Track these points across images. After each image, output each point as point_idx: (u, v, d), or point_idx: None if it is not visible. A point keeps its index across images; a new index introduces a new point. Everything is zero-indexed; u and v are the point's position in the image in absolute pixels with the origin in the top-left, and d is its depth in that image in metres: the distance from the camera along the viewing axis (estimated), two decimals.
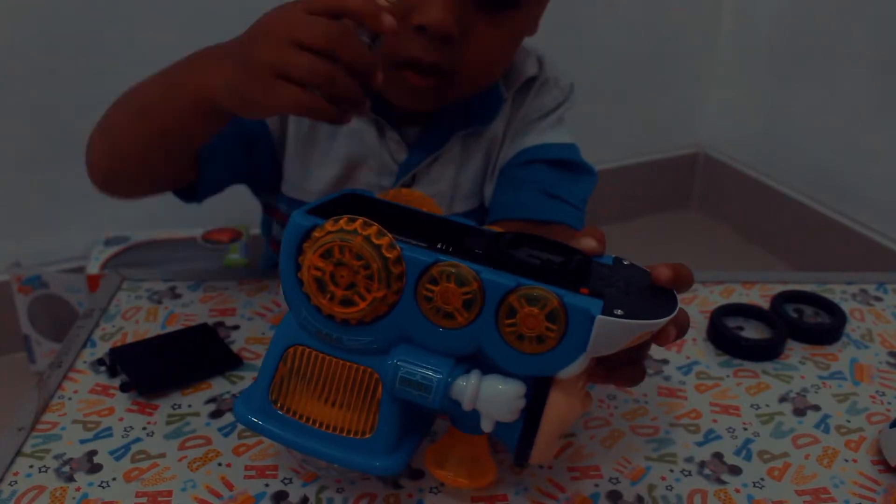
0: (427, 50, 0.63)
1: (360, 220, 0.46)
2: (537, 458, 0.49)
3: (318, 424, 0.51)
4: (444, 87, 0.66)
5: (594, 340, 0.45)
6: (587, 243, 0.50)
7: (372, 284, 0.46)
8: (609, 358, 0.49)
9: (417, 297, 0.47)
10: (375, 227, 0.46)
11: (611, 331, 0.45)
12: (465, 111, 0.73)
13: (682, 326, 0.49)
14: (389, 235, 0.46)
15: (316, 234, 0.47)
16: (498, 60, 0.70)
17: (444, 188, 0.75)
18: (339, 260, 0.46)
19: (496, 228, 0.53)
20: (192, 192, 0.71)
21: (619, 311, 0.44)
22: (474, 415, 0.48)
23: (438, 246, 0.49)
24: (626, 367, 0.52)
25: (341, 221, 0.47)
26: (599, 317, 0.44)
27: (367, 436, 0.50)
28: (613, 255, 0.51)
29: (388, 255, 0.46)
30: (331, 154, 0.74)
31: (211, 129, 0.63)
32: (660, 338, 0.48)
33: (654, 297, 0.48)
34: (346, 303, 0.47)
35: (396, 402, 0.49)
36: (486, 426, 0.48)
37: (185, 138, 0.64)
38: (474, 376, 0.48)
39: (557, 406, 0.48)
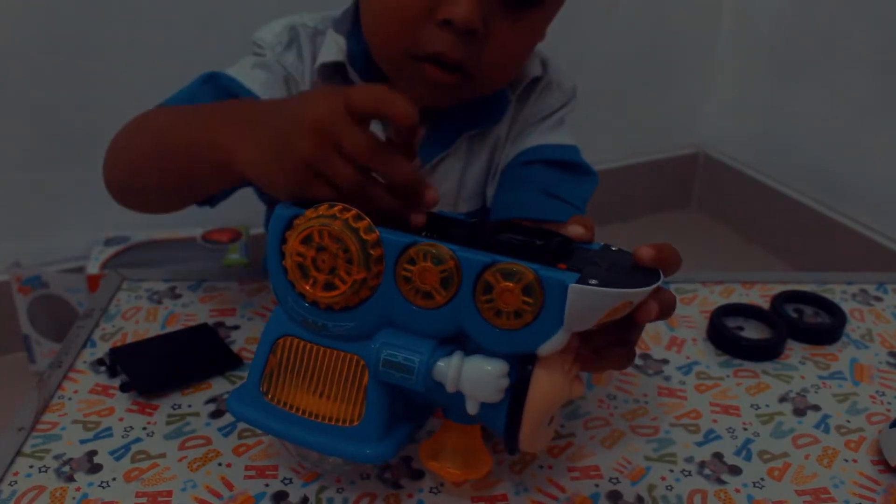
0: (452, 46, 0.63)
1: (339, 205, 0.48)
2: (526, 443, 0.49)
3: (308, 414, 0.51)
4: (463, 84, 0.66)
5: (570, 311, 0.45)
6: (574, 230, 0.50)
7: (352, 268, 0.47)
8: (594, 338, 0.49)
9: (397, 279, 0.48)
10: (353, 212, 0.47)
11: (586, 300, 0.45)
12: (472, 111, 0.73)
13: (665, 304, 0.49)
14: (367, 219, 0.47)
15: (297, 221, 0.48)
16: (516, 60, 0.70)
17: (450, 188, 0.75)
18: (320, 244, 0.47)
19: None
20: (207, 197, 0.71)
21: (594, 281, 0.44)
22: (463, 402, 0.48)
23: (423, 234, 0.49)
24: (615, 348, 0.51)
25: (321, 208, 0.48)
26: (573, 285, 0.44)
27: (356, 423, 0.51)
28: (602, 243, 0.51)
29: (367, 238, 0.47)
30: None
31: (229, 186, 0.63)
32: (640, 312, 0.47)
33: (636, 273, 0.48)
34: (328, 287, 0.48)
35: (383, 388, 0.50)
36: (472, 408, 0.48)
37: (204, 187, 0.64)
38: (456, 357, 0.48)
39: (541, 384, 0.48)
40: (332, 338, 0.51)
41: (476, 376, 0.47)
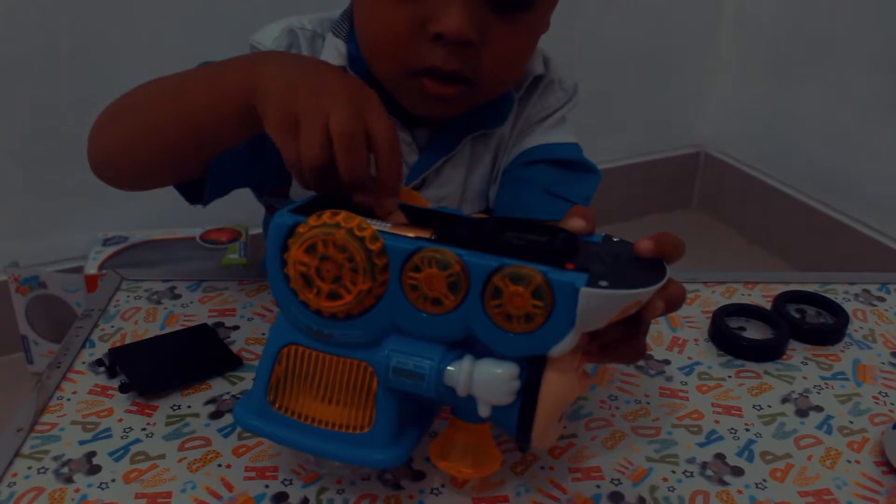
0: (446, 58, 0.63)
1: (343, 213, 0.47)
2: (538, 441, 0.49)
3: (317, 422, 0.51)
4: (468, 94, 0.66)
5: (581, 314, 0.45)
6: (576, 223, 0.50)
7: (357, 277, 0.47)
8: (604, 335, 0.49)
9: (403, 287, 0.47)
10: (357, 220, 0.47)
11: (597, 303, 0.45)
12: (476, 112, 0.73)
13: (672, 299, 0.49)
14: (372, 227, 0.47)
15: (300, 230, 0.47)
16: (518, 62, 0.70)
17: (454, 190, 0.75)
18: (324, 254, 0.47)
19: (482, 216, 0.53)
20: (196, 193, 0.70)
21: (604, 283, 0.44)
22: (473, 402, 0.48)
23: (428, 236, 0.48)
24: (626, 342, 0.51)
25: (324, 216, 0.47)
26: (584, 289, 0.44)
27: (367, 430, 0.50)
28: (603, 234, 0.51)
29: (372, 247, 0.46)
30: None
31: (243, 134, 0.61)
32: (647, 311, 0.48)
33: (642, 268, 0.47)
34: (333, 296, 0.48)
35: (393, 394, 0.49)
36: (484, 411, 0.48)
37: (216, 135, 0.62)
38: (466, 361, 0.48)
39: (553, 385, 0.47)
40: (338, 346, 0.50)
41: (487, 380, 0.47)
